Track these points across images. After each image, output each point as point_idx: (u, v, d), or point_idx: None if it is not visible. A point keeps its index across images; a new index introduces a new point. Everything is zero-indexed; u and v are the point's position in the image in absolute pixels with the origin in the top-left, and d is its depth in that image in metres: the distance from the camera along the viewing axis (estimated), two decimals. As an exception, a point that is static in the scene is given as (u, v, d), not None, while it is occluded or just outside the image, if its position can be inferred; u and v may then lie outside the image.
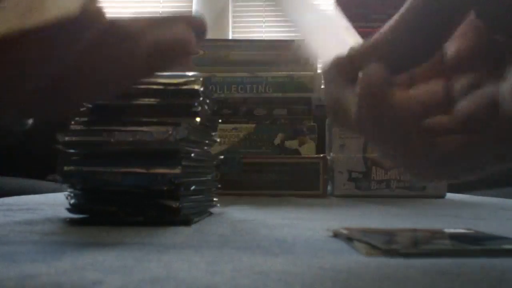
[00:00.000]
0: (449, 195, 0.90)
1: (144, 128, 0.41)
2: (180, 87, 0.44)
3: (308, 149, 0.88)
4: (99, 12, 0.24)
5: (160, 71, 0.28)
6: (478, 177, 0.23)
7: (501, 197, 0.88)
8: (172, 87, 0.44)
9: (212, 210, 0.52)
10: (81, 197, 0.42)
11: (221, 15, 2.51)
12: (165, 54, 0.26)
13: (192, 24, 0.27)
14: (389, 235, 0.33)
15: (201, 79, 0.44)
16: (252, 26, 2.60)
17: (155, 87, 0.43)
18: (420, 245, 0.30)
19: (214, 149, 0.53)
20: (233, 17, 2.57)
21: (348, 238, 0.33)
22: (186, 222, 0.41)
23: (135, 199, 0.41)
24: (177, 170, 0.40)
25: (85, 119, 0.43)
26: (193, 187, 0.43)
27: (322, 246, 0.31)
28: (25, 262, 0.24)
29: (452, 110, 0.23)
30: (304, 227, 0.41)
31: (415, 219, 0.51)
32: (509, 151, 0.22)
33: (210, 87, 0.88)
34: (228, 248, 0.30)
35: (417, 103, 0.23)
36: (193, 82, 0.44)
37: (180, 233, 0.36)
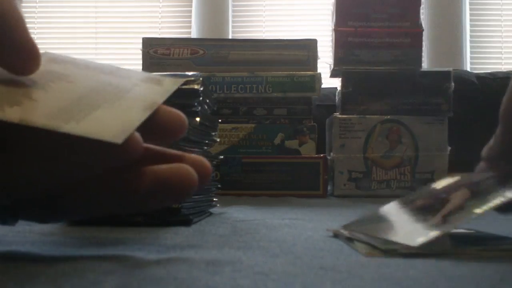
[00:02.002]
0: (449, 195, 0.90)
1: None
2: (180, 87, 0.44)
3: (308, 149, 0.88)
4: (135, 148, 0.22)
5: (154, 207, 0.26)
6: None
7: (501, 197, 0.88)
8: (172, 87, 0.43)
9: (212, 210, 0.51)
10: (81, 197, 0.42)
11: (221, 15, 2.51)
12: (164, 194, 0.25)
13: (197, 168, 0.25)
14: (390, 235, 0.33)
15: (201, 79, 0.44)
16: (252, 26, 2.60)
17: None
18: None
19: (214, 149, 0.53)
20: (233, 17, 2.57)
21: (348, 238, 0.33)
22: (186, 222, 0.41)
23: (135, 199, 0.41)
24: (177, 170, 0.40)
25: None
26: (193, 187, 0.43)
27: (322, 246, 0.31)
28: (24, 262, 0.24)
29: None
30: (304, 227, 0.41)
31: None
32: None
33: (210, 86, 0.88)
34: (228, 248, 0.30)
35: None
36: (193, 82, 0.44)
37: (180, 233, 0.36)
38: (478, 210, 0.29)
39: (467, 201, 0.32)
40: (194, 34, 2.46)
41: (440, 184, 0.37)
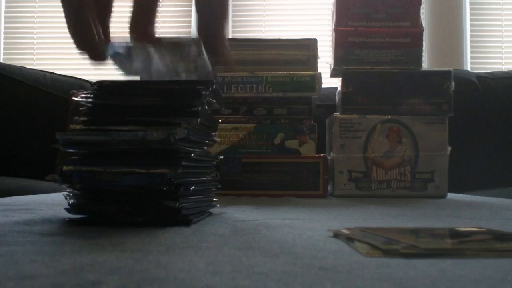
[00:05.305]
0: (450, 195, 0.90)
1: (144, 128, 0.41)
2: (180, 87, 0.44)
3: (308, 149, 0.88)
4: None
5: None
6: None
7: (502, 197, 0.88)
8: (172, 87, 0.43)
9: (212, 210, 0.51)
10: (80, 197, 0.42)
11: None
12: None
13: None
14: (390, 235, 0.33)
15: (212, 79, 0.44)
16: (252, 26, 2.60)
17: (155, 87, 0.43)
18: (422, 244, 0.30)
19: (214, 149, 0.53)
20: (233, 16, 2.57)
21: (348, 238, 0.32)
22: (186, 222, 0.41)
23: (134, 199, 0.41)
24: (177, 170, 0.40)
25: (85, 118, 0.42)
26: (193, 187, 0.43)
27: (322, 246, 0.31)
28: (24, 262, 0.24)
29: None
30: (304, 227, 0.41)
31: (416, 219, 0.51)
32: None
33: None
34: (228, 248, 0.30)
35: None
36: (196, 82, 0.44)
37: (180, 233, 0.36)
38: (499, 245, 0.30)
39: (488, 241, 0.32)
40: (194, 34, 2.46)
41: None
